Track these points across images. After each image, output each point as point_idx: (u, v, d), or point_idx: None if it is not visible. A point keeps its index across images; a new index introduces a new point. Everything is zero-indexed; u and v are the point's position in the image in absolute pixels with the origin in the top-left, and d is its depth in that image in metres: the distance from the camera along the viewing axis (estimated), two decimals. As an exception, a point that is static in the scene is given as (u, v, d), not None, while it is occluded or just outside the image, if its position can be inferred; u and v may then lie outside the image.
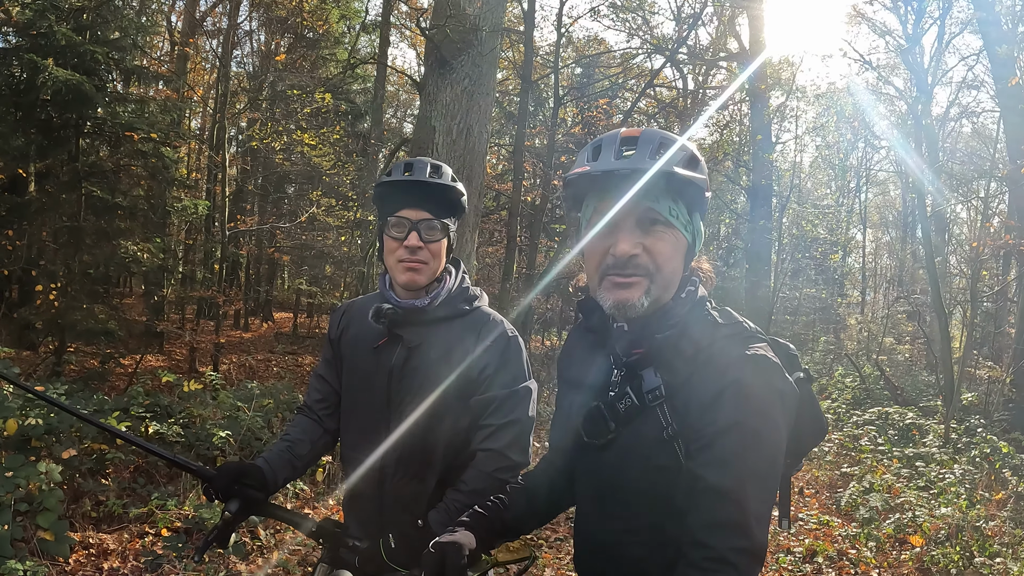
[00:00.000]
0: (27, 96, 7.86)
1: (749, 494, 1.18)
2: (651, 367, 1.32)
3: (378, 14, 17.45)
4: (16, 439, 4.32)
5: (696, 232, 1.40)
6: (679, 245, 1.35)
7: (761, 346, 1.29)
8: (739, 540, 1.16)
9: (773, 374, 1.26)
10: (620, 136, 1.34)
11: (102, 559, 4.10)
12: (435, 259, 1.89)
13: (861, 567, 5.03)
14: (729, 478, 1.18)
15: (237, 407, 6.29)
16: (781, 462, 1.26)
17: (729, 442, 1.20)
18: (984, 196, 16.05)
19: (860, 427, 8.86)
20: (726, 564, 1.15)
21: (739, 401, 1.21)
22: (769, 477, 1.23)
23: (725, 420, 1.21)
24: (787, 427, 1.26)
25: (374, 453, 1.91)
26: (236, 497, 1.72)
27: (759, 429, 1.21)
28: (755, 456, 1.20)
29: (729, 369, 1.24)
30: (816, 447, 1.87)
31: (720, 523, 1.17)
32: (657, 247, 1.32)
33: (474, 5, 5.91)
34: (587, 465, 1.46)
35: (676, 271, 1.36)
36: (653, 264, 1.32)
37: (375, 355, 1.93)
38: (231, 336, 15.90)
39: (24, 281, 9.98)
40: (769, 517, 1.24)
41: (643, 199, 1.30)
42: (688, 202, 1.36)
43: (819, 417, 1.43)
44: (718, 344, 1.29)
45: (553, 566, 4.87)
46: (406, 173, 1.86)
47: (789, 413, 1.27)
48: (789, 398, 1.27)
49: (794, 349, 1.44)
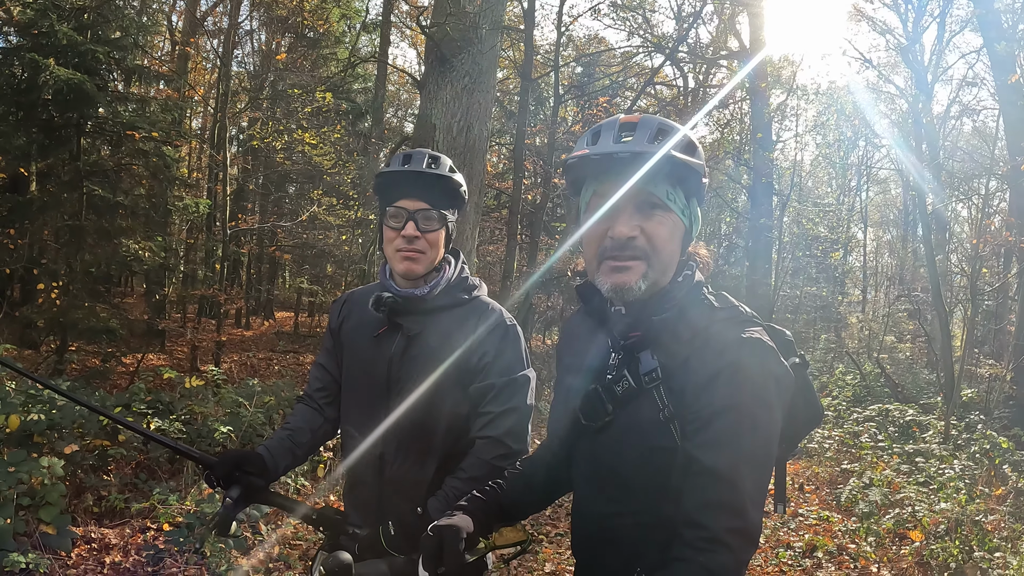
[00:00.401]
0: (28, 95, 7.89)
1: (744, 475, 1.19)
2: (648, 349, 1.34)
3: (378, 13, 17.51)
4: (18, 434, 4.34)
5: (693, 217, 1.42)
6: (676, 229, 1.37)
7: (757, 330, 1.31)
8: (734, 520, 1.17)
9: (768, 357, 1.27)
10: (619, 121, 1.36)
11: (104, 553, 4.12)
12: (433, 248, 1.90)
13: (861, 562, 5.05)
14: (724, 459, 1.19)
15: (238, 404, 6.31)
16: (776, 444, 1.27)
17: (724, 424, 1.21)
18: (984, 194, 16.07)
19: (860, 424, 8.86)
20: (720, 544, 1.16)
21: (735, 383, 1.22)
22: (764, 459, 1.24)
23: (720, 402, 1.22)
24: (782, 410, 1.27)
25: (374, 441, 1.93)
26: (237, 484, 1.73)
27: (754, 411, 1.22)
28: (750, 438, 1.21)
29: (725, 351, 1.25)
30: (812, 433, 1.88)
31: (715, 503, 1.17)
32: (655, 230, 1.34)
33: (474, 3, 5.92)
34: (584, 448, 1.48)
35: (673, 255, 1.38)
36: (651, 247, 1.33)
37: (375, 343, 1.95)
38: (232, 335, 15.92)
39: (26, 280, 10.00)
40: (764, 499, 1.25)
41: (641, 183, 1.32)
42: (686, 187, 1.38)
43: (814, 402, 1.44)
44: (715, 327, 1.31)
45: (554, 560, 4.88)
46: (404, 164, 1.88)
47: (784, 396, 1.28)
48: (784, 381, 1.28)
49: (790, 335, 1.45)
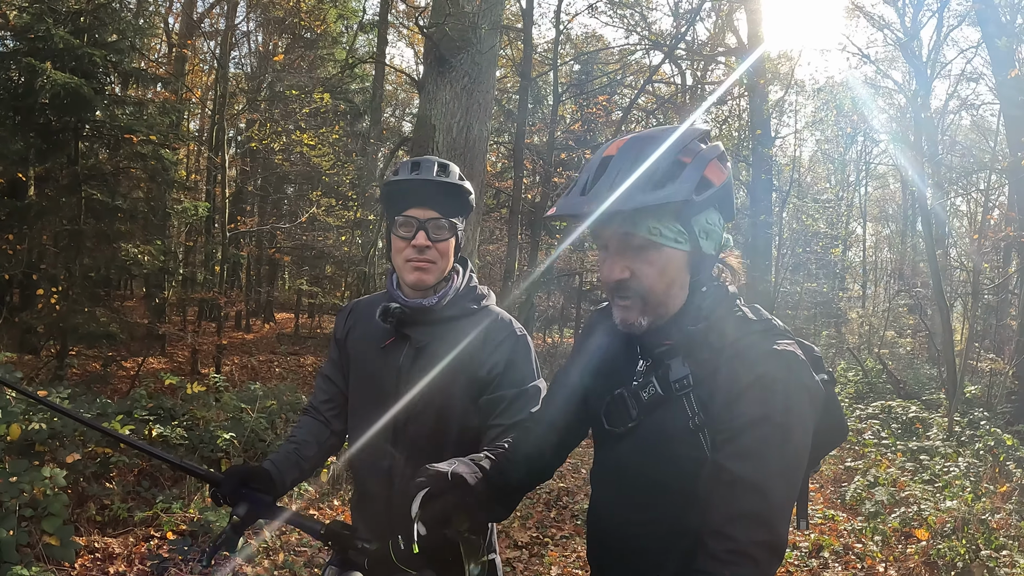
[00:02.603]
0: (26, 100, 7.85)
1: (774, 487, 1.17)
2: (679, 356, 1.32)
3: (375, 13, 17.45)
4: (20, 444, 4.31)
5: (700, 235, 1.33)
6: (672, 261, 1.31)
7: (790, 343, 1.29)
8: (762, 534, 1.15)
9: (802, 370, 1.25)
10: (600, 158, 1.30)
11: (108, 563, 4.10)
12: (443, 258, 1.88)
13: (867, 561, 5.03)
14: (755, 471, 1.18)
15: (240, 409, 6.28)
16: (806, 458, 1.26)
17: (756, 435, 1.20)
18: (984, 188, 16.06)
19: (864, 421, 8.86)
20: (747, 557, 1.14)
21: (767, 395, 1.21)
22: (794, 472, 1.22)
23: (753, 413, 1.20)
24: (813, 424, 1.26)
25: (382, 453, 1.90)
26: (244, 501, 1.70)
27: (786, 423, 1.21)
28: (781, 450, 1.20)
29: (758, 363, 1.24)
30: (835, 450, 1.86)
31: (744, 515, 1.16)
32: (642, 271, 1.30)
33: (473, 3, 5.89)
34: (606, 453, 1.46)
35: (671, 286, 1.33)
36: (641, 287, 1.30)
37: (383, 355, 1.92)
38: (233, 337, 15.90)
39: (25, 285, 9.97)
40: (791, 513, 1.24)
41: (619, 226, 1.28)
42: (678, 212, 1.29)
43: (840, 419, 1.42)
44: (748, 339, 1.29)
45: (560, 564, 4.86)
46: (413, 172, 1.85)
47: (816, 410, 1.27)
48: (816, 395, 1.27)
49: (818, 351, 1.43)
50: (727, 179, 1.34)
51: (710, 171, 1.30)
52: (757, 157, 14.54)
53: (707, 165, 1.29)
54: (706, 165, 1.29)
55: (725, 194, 1.34)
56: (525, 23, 11.47)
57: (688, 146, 1.30)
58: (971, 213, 22.63)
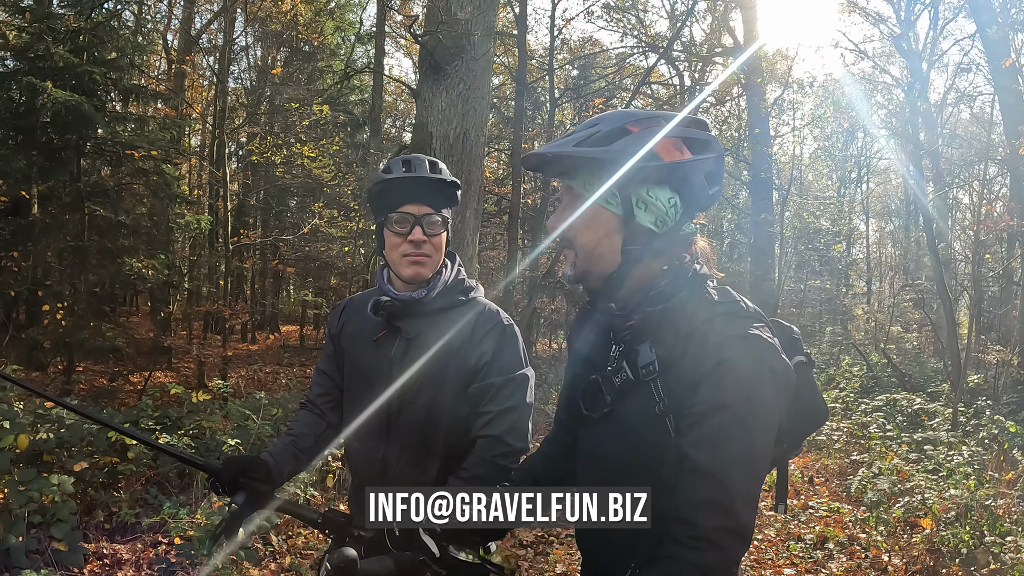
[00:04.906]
0: (27, 119, 7.95)
1: (734, 475, 1.18)
2: (647, 342, 1.32)
3: (372, 24, 17.54)
4: (28, 453, 4.37)
5: (633, 204, 1.33)
6: (599, 218, 1.36)
7: (757, 325, 1.28)
8: (723, 520, 1.17)
9: (765, 354, 1.25)
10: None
11: (116, 569, 4.14)
12: (438, 252, 1.94)
13: (872, 551, 5.04)
14: (714, 458, 1.18)
15: (246, 417, 6.33)
16: (771, 443, 1.26)
17: (715, 422, 1.20)
18: (984, 180, 16.04)
19: (869, 415, 8.84)
20: (709, 543, 1.16)
21: (727, 381, 1.21)
22: (756, 459, 1.22)
23: (712, 400, 1.21)
24: (779, 408, 1.25)
25: (377, 443, 1.96)
26: (242, 490, 1.75)
27: (746, 411, 1.20)
28: (741, 438, 1.20)
29: (721, 348, 1.23)
30: (816, 433, 1.88)
31: (704, 502, 1.17)
32: (574, 223, 1.39)
33: (465, 10, 5.95)
34: (585, 438, 1.49)
35: (598, 245, 1.37)
36: (571, 235, 1.40)
37: (375, 348, 1.97)
38: (239, 349, 15.97)
39: (31, 302, 10.04)
40: (757, 498, 1.24)
41: (562, 177, 1.41)
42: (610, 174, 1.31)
43: (818, 402, 1.42)
44: (713, 322, 1.28)
45: (565, 561, 4.89)
46: (405, 170, 1.90)
47: (782, 394, 1.26)
48: (783, 379, 1.26)
49: (797, 332, 1.44)
50: (684, 161, 1.31)
51: (661, 147, 1.30)
52: (756, 156, 14.57)
53: (659, 140, 1.30)
54: (657, 139, 1.30)
55: (678, 174, 1.32)
56: (519, 29, 11.53)
57: (645, 121, 1.33)
58: (973, 205, 22.57)
